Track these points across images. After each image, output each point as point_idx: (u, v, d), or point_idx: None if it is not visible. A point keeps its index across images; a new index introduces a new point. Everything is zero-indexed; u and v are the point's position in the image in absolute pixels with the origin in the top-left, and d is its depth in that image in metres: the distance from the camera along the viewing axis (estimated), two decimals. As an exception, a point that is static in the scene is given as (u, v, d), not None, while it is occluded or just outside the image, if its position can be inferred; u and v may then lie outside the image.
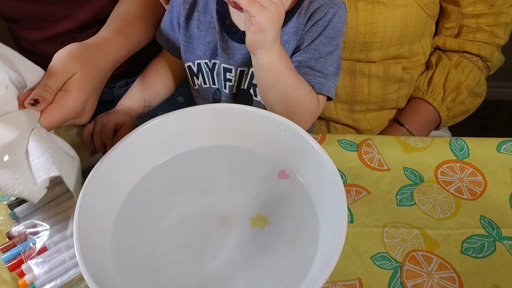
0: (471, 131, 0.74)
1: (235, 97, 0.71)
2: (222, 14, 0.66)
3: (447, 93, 0.84)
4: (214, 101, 0.74)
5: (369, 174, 0.64)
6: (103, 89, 0.92)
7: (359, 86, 0.83)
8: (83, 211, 0.47)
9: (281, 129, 0.54)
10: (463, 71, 0.83)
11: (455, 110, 0.85)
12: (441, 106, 0.84)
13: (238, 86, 0.70)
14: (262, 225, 0.51)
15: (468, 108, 0.86)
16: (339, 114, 0.87)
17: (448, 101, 0.84)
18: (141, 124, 0.55)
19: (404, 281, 0.52)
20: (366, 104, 0.85)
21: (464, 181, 0.63)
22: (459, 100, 0.84)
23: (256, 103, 0.70)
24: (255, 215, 0.52)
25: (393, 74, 0.81)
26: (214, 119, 0.57)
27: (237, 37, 0.65)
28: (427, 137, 0.69)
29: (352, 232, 0.57)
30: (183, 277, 0.48)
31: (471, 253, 0.55)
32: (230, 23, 0.66)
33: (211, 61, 0.69)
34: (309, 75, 0.62)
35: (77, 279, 0.51)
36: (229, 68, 0.68)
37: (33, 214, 0.58)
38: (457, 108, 0.85)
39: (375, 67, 0.80)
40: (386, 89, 0.83)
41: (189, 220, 0.52)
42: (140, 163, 0.56)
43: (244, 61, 0.67)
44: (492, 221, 0.58)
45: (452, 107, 0.84)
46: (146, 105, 0.77)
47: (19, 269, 0.52)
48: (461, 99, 0.83)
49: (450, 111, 0.85)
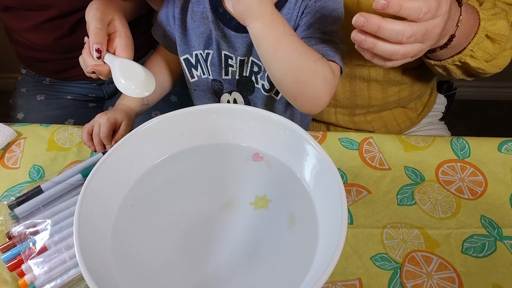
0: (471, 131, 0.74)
1: (238, 84, 0.70)
2: (215, 3, 0.66)
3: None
4: (213, 92, 0.74)
5: (370, 173, 0.63)
6: (92, 86, 0.98)
7: (359, 90, 0.82)
8: (83, 211, 0.47)
9: (281, 128, 0.54)
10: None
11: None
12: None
13: (240, 73, 0.69)
14: (265, 205, 0.52)
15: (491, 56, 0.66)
16: (338, 118, 0.87)
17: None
18: (141, 124, 0.55)
19: (403, 282, 0.52)
20: (367, 107, 0.85)
21: (465, 181, 0.63)
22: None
23: (257, 90, 0.70)
24: (254, 199, 0.53)
25: (393, 78, 0.80)
26: (214, 119, 0.57)
27: (232, 26, 0.65)
28: (428, 136, 0.69)
29: (352, 233, 0.56)
30: (184, 275, 0.48)
31: (471, 252, 0.55)
32: (224, 11, 0.65)
33: (205, 52, 0.69)
34: (317, 45, 0.59)
35: (77, 279, 0.51)
36: (229, 55, 0.68)
37: (33, 214, 0.58)
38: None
39: (375, 71, 0.79)
40: (387, 92, 0.83)
41: (190, 218, 0.52)
42: (140, 163, 0.56)
43: (243, 50, 0.67)
44: (492, 221, 0.58)
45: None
46: (144, 103, 0.77)
47: (19, 269, 0.52)
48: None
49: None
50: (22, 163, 0.68)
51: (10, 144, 0.71)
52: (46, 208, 0.58)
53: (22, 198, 0.59)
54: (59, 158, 0.69)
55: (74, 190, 0.61)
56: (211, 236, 0.50)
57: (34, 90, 1.01)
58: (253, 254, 0.49)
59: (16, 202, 0.59)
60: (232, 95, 0.73)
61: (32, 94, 1.00)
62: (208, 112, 0.57)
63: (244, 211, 0.52)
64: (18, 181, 0.65)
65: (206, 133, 0.58)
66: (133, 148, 0.55)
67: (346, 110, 0.86)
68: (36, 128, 0.73)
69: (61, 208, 0.58)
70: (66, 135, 0.72)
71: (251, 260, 0.48)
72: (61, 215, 0.57)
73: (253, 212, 0.52)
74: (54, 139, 0.71)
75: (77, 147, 0.70)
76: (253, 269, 0.47)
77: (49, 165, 0.67)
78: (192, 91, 0.77)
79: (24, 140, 0.71)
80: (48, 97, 1.00)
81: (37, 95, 1.00)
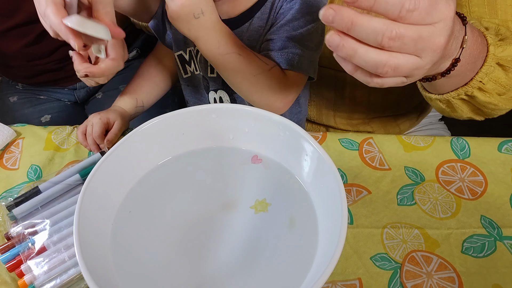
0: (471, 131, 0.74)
1: (224, 83, 0.70)
2: None
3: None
4: (204, 88, 0.74)
5: (370, 174, 0.63)
6: (64, 91, 1.00)
7: (360, 96, 0.82)
8: (83, 210, 0.47)
9: (281, 129, 0.54)
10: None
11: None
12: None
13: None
14: (264, 208, 0.52)
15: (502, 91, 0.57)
16: (337, 121, 0.87)
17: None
18: (141, 124, 0.55)
19: (403, 282, 0.52)
20: (366, 113, 0.85)
21: (465, 181, 0.63)
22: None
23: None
24: (254, 202, 0.53)
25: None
26: (214, 119, 0.57)
27: None
28: (428, 137, 0.68)
29: (351, 233, 0.56)
30: (184, 276, 0.47)
31: (471, 252, 0.55)
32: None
33: (195, 48, 0.69)
34: (276, 51, 0.60)
35: (76, 278, 0.51)
36: None
37: (32, 215, 0.58)
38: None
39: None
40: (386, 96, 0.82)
41: (190, 219, 0.52)
42: (140, 163, 0.56)
43: None
44: (492, 221, 0.58)
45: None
46: (139, 105, 0.77)
47: (19, 269, 0.52)
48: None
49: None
50: (21, 164, 0.68)
51: (9, 144, 0.71)
52: (44, 209, 0.58)
53: (20, 199, 0.59)
54: (56, 158, 0.68)
55: (72, 190, 0.61)
56: (211, 237, 0.50)
57: (7, 92, 1.03)
58: (253, 255, 0.49)
59: (14, 203, 0.58)
60: (218, 93, 0.73)
61: (4, 97, 1.02)
62: (208, 112, 0.57)
63: (244, 215, 0.52)
64: (17, 182, 0.65)
65: (206, 133, 0.58)
66: (133, 148, 0.54)
67: (345, 114, 0.86)
68: (34, 128, 0.73)
69: (60, 208, 0.58)
70: (63, 135, 0.72)
71: (251, 261, 0.48)
72: (59, 215, 0.56)
73: (253, 216, 0.52)
74: (52, 139, 0.71)
75: (74, 147, 0.70)
76: (253, 270, 0.47)
77: (47, 165, 0.67)
78: (184, 87, 0.77)
79: (22, 140, 0.71)
80: (20, 98, 1.01)
81: (9, 97, 1.02)
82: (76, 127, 0.73)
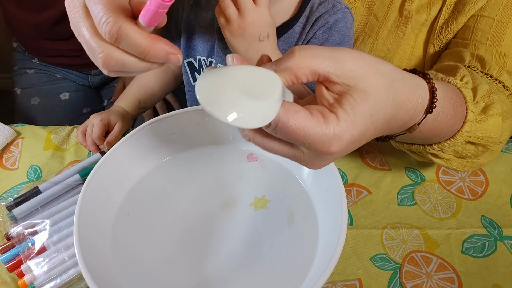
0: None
1: None
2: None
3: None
4: None
5: (370, 174, 0.63)
6: (79, 74, 1.04)
7: None
8: (83, 210, 0.47)
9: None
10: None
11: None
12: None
13: None
14: (264, 205, 0.52)
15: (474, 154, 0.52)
16: None
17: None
18: (142, 124, 0.55)
19: (403, 282, 0.52)
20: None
21: (466, 181, 0.62)
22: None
23: None
24: (253, 200, 0.53)
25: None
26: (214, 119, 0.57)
27: None
28: (428, 137, 0.68)
29: (351, 234, 0.56)
30: (184, 275, 0.47)
31: (471, 252, 0.54)
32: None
33: (208, 59, 0.69)
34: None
35: (76, 278, 0.51)
36: None
37: (32, 215, 0.58)
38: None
39: None
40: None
41: (190, 218, 0.52)
42: (140, 163, 0.56)
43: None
44: (493, 221, 0.58)
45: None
46: (142, 106, 0.77)
47: (19, 269, 0.52)
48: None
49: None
50: (21, 164, 0.68)
51: (9, 144, 0.71)
52: (44, 209, 0.58)
53: (20, 199, 0.59)
54: (56, 158, 0.68)
55: (72, 190, 0.61)
56: (211, 236, 0.50)
57: (23, 65, 1.07)
58: (253, 255, 0.49)
59: (14, 203, 0.58)
60: None
61: (22, 69, 1.06)
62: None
63: (244, 212, 0.52)
64: (17, 182, 0.65)
65: (207, 133, 0.58)
66: (133, 148, 0.54)
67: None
68: (33, 128, 0.73)
69: (60, 208, 0.57)
70: (63, 135, 0.71)
71: (251, 260, 0.48)
72: (59, 215, 0.56)
73: (253, 213, 0.52)
74: (51, 139, 0.71)
75: (74, 147, 0.70)
76: (253, 269, 0.47)
77: (46, 165, 0.67)
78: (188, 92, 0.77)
79: (22, 140, 0.71)
80: (38, 71, 1.05)
81: (27, 70, 1.05)
82: (76, 127, 0.73)
